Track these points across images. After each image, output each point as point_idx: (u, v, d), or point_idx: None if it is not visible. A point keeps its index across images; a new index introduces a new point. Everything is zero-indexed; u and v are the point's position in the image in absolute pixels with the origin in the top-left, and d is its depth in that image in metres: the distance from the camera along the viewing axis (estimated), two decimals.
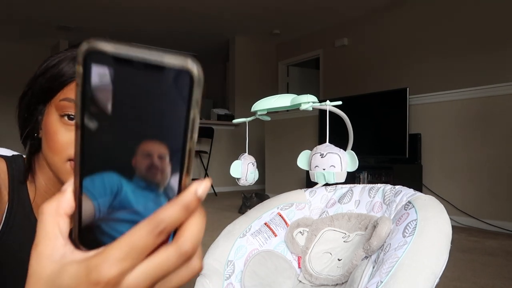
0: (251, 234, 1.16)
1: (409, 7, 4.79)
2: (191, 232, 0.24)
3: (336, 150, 1.13)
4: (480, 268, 2.14)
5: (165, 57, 0.23)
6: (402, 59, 4.85)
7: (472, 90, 3.31)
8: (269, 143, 5.14)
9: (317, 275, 1.08)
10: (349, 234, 1.09)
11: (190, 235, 0.24)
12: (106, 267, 0.22)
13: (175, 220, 0.23)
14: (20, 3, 4.93)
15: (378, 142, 3.73)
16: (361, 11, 5.29)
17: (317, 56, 6.15)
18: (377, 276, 0.77)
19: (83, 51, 0.23)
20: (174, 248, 0.24)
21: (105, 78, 0.23)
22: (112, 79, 0.23)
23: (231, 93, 6.51)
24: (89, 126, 0.24)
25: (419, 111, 3.62)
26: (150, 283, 0.23)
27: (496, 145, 3.16)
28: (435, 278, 0.73)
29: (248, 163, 1.35)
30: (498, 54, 3.94)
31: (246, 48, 6.53)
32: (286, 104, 1.21)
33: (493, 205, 3.16)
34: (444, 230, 0.82)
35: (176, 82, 0.23)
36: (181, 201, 0.23)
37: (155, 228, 0.23)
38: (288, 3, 5.06)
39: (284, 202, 1.24)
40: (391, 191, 1.08)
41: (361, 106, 3.87)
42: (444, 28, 4.41)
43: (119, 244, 0.23)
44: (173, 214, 0.23)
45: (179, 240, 0.24)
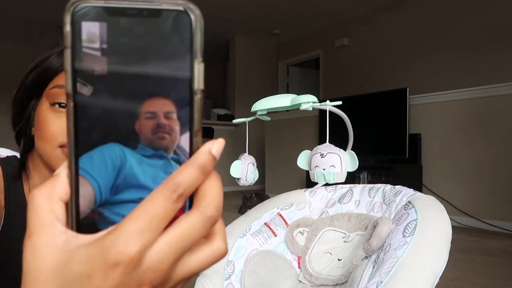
0: (251, 234, 1.16)
1: (409, 7, 4.79)
2: (212, 195, 0.22)
3: (336, 150, 1.13)
4: (480, 268, 2.14)
5: (161, 1, 0.21)
6: (402, 59, 4.85)
7: (472, 90, 3.31)
8: (269, 143, 5.14)
9: (317, 275, 1.08)
10: (349, 234, 1.09)
11: (211, 198, 0.22)
12: (124, 243, 0.19)
13: (193, 182, 0.21)
14: (20, 3, 4.94)
15: (378, 142, 3.73)
16: (361, 11, 5.29)
17: (317, 56, 6.15)
18: (377, 276, 0.77)
19: (69, 8, 0.21)
20: (197, 213, 0.21)
21: (97, 34, 0.21)
22: (106, 35, 0.21)
23: (231, 93, 6.51)
24: (82, 93, 0.21)
25: (419, 111, 3.62)
26: (176, 257, 0.21)
27: (496, 145, 3.16)
28: (435, 278, 0.73)
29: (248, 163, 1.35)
30: (498, 54, 3.94)
31: (246, 48, 6.53)
32: (286, 104, 1.21)
33: (493, 205, 3.16)
34: (444, 230, 0.82)
35: (175, 27, 0.21)
36: (197, 161, 0.21)
37: (173, 192, 0.20)
38: (288, 3, 5.06)
39: (284, 202, 1.24)
40: (391, 191, 1.08)
41: (361, 106, 3.87)
42: (444, 28, 4.41)
43: (135, 215, 0.20)
44: (190, 176, 0.21)
45: (201, 205, 0.21)
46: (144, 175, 0.22)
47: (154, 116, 0.21)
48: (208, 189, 0.22)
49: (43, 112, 0.60)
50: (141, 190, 0.22)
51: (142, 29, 0.21)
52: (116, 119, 0.21)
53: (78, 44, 0.20)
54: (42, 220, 0.21)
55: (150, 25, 0.21)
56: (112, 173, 0.22)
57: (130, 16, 0.21)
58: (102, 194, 0.22)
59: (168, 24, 0.21)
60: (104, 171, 0.22)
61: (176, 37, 0.21)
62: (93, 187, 0.22)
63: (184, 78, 0.21)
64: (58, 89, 0.59)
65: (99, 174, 0.22)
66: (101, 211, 0.22)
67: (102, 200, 0.22)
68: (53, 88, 0.60)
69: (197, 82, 0.22)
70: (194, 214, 0.21)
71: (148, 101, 0.21)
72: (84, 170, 0.21)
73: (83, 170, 0.21)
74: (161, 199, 0.20)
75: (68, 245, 0.21)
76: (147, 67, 0.21)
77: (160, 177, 0.22)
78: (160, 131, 0.22)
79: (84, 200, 0.22)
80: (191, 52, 0.21)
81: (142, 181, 0.22)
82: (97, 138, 0.21)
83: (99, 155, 0.21)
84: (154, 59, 0.21)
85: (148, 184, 0.22)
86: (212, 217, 0.21)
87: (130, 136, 0.22)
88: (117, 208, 0.22)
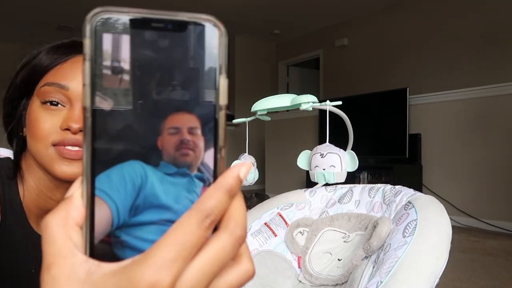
0: (251, 234, 1.16)
1: (409, 7, 4.79)
2: (238, 214, 0.21)
3: (336, 150, 1.13)
4: (480, 268, 2.13)
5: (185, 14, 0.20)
6: (402, 59, 4.85)
7: (472, 90, 3.31)
8: (269, 143, 5.14)
9: (317, 275, 1.08)
10: (349, 234, 1.09)
11: (238, 219, 0.21)
12: (156, 274, 0.18)
13: (223, 207, 0.20)
14: (20, 3, 4.94)
15: (378, 142, 3.73)
16: (361, 11, 5.29)
17: (317, 56, 6.15)
18: (377, 276, 0.77)
19: (90, 18, 0.20)
20: (226, 234, 0.21)
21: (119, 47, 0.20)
22: (128, 48, 0.20)
23: (231, 93, 6.51)
24: (101, 108, 0.20)
25: (419, 111, 3.62)
26: (207, 282, 0.20)
27: (496, 145, 3.16)
28: (435, 278, 0.73)
29: None
30: (498, 54, 3.94)
31: (246, 48, 6.53)
32: (286, 104, 1.21)
33: (493, 205, 3.16)
34: (444, 230, 0.82)
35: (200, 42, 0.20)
36: (226, 185, 0.21)
37: (206, 218, 0.20)
38: (288, 3, 5.06)
39: (284, 202, 1.24)
40: (391, 191, 1.08)
41: (361, 106, 3.87)
42: (444, 28, 4.41)
43: (165, 243, 0.19)
44: (220, 201, 0.20)
45: (229, 225, 0.21)
46: (166, 194, 0.21)
47: (178, 132, 0.21)
48: (234, 209, 0.21)
49: (34, 110, 0.59)
50: (162, 211, 0.21)
51: (166, 42, 0.20)
52: (137, 135, 0.20)
53: (98, 57, 0.20)
54: (60, 251, 0.20)
55: (175, 38, 0.20)
56: (132, 193, 0.20)
57: (155, 29, 0.20)
58: (120, 216, 0.20)
59: (193, 38, 0.20)
60: (123, 190, 0.20)
61: (201, 52, 0.21)
62: (110, 208, 0.20)
63: (208, 94, 0.21)
64: (49, 87, 0.58)
65: (117, 194, 0.20)
66: (118, 235, 0.20)
67: (120, 222, 0.20)
68: (44, 86, 0.59)
69: (222, 98, 0.21)
70: (224, 235, 0.21)
71: (171, 116, 0.20)
72: (101, 190, 0.20)
73: (99, 190, 0.20)
74: (193, 226, 0.19)
75: (91, 276, 0.19)
76: (170, 82, 0.20)
77: (183, 196, 0.21)
78: (184, 147, 0.21)
79: (100, 223, 0.20)
80: (217, 68, 0.21)
81: (163, 201, 0.21)
82: (116, 156, 0.20)
83: (117, 173, 0.20)
84: (178, 73, 0.20)
85: (170, 204, 0.21)
86: (241, 237, 0.21)
87: (152, 153, 0.20)
88: (136, 231, 0.21)
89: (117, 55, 0.20)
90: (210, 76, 0.21)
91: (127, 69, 0.20)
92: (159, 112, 0.20)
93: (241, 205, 0.22)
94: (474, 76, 4.09)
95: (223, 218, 0.21)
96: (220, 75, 0.21)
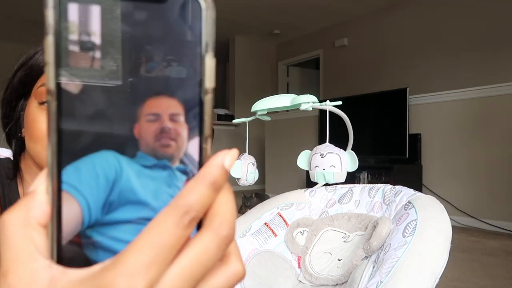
0: (251, 234, 1.16)
1: (409, 7, 4.79)
2: (224, 211, 0.19)
3: (336, 150, 1.13)
4: (480, 268, 2.13)
5: None
6: (402, 59, 4.85)
7: (472, 90, 3.31)
8: (269, 143, 5.14)
9: (317, 275, 1.08)
10: (349, 234, 1.09)
11: (224, 216, 0.18)
12: (128, 281, 0.16)
13: (206, 202, 0.18)
14: (21, 3, 4.94)
15: (378, 142, 3.73)
16: (361, 11, 5.29)
17: (317, 56, 6.15)
18: (377, 276, 0.77)
19: None
20: (210, 234, 0.18)
21: (88, 19, 0.17)
22: (99, 20, 0.17)
23: (231, 93, 6.51)
24: (68, 90, 0.17)
25: (419, 111, 3.62)
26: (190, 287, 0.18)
27: (496, 145, 3.16)
28: (435, 278, 0.73)
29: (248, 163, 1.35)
30: (498, 54, 3.94)
31: (246, 48, 6.53)
32: (286, 104, 1.21)
33: (493, 205, 3.16)
34: (444, 230, 0.82)
35: (183, 15, 0.18)
36: (208, 177, 0.18)
37: (185, 215, 0.17)
38: (288, 3, 5.06)
39: (284, 202, 1.24)
40: (391, 191, 1.08)
41: (361, 106, 3.87)
42: (444, 28, 4.41)
43: (139, 245, 0.17)
44: (202, 194, 0.18)
45: (213, 223, 0.18)
46: (144, 189, 0.18)
47: (158, 119, 0.18)
48: (219, 205, 0.19)
49: (32, 111, 0.59)
50: (140, 208, 0.18)
51: (144, 15, 0.18)
52: (110, 122, 0.18)
53: (64, 31, 0.17)
54: (18, 255, 0.17)
55: (154, 11, 0.18)
56: (105, 187, 0.18)
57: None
58: (91, 214, 0.18)
59: (175, 11, 0.18)
60: (95, 184, 0.18)
61: (184, 27, 0.18)
62: (80, 205, 0.18)
63: (193, 75, 0.18)
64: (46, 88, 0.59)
65: (88, 188, 0.18)
66: (90, 235, 0.18)
67: (92, 220, 0.18)
68: (41, 86, 0.59)
69: (209, 80, 0.19)
70: (207, 235, 0.18)
71: (150, 100, 0.18)
72: (69, 184, 0.17)
73: (67, 184, 0.17)
74: (170, 225, 0.17)
75: (54, 285, 0.17)
76: (149, 61, 0.18)
77: (163, 191, 0.19)
78: (165, 136, 0.18)
79: (69, 222, 0.18)
80: (202, 45, 0.18)
81: (141, 196, 0.18)
82: (86, 145, 0.18)
83: (88, 165, 0.18)
84: (157, 52, 0.18)
85: (148, 200, 0.18)
86: (227, 237, 0.18)
87: (127, 143, 0.18)
88: (110, 230, 0.18)
89: (86, 29, 0.17)
90: (195, 54, 0.18)
91: (98, 45, 0.17)
92: (135, 95, 0.18)
93: (228, 200, 0.19)
94: (474, 76, 4.09)
95: (206, 215, 0.19)
96: (206, 53, 0.18)
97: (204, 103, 0.19)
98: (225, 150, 0.19)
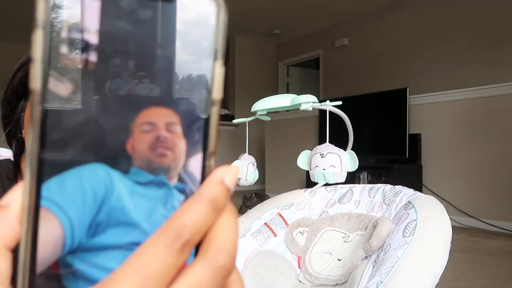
0: (251, 234, 1.16)
1: (409, 7, 4.79)
2: (223, 237, 0.16)
3: (336, 150, 1.13)
4: (480, 268, 2.13)
5: None
6: (402, 59, 4.85)
7: (472, 90, 3.32)
8: (269, 143, 5.14)
9: (317, 275, 1.08)
10: (349, 234, 1.09)
11: (223, 243, 0.16)
12: None
13: (203, 224, 0.15)
14: (21, 3, 4.94)
15: (378, 142, 3.73)
16: (361, 11, 5.29)
17: (317, 56, 6.15)
18: (377, 276, 0.77)
19: None
20: (204, 264, 0.15)
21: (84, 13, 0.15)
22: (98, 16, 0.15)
23: (231, 93, 6.51)
24: (56, 92, 0.15)
25: (419, 111, 3.62)
26: None
27: (496, 145, 3.16)
28: (435, 278, 0.73)
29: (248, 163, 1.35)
30: (498, 54, 3.94)
31: (246, 48, 6.54)
32: (286, 104, 1.21)
33: (493, 205, 3.16)
34: (444, 230, 0.82)
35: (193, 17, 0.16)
36: (206, 194, 0.16)
37: (176, 239, 0.15)
38: (288, 3, 5.06)
39: (284, 202, 1.24)
40: (391, 191, 1.08)
41: (361, 106, 3.87)
42: (444, 28, 4.41)
43: (124, 274, 0.14)
44: (198, 215, 0.15)
45: (209, 250, 0.16)
46: (137, 209, 0.16)
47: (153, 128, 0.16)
48: (218, 229, 0.16)
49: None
50: (130, 230, 0.16)
51: (148, 13, 0.16)
52: (102, 131, 0.15)
53: (56, 25, 0.15)
54: None
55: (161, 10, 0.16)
56: (92, 205, 0.15)
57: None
58: (75, 236, 0.15)
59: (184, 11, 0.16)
60: (81, 202, 0.15)
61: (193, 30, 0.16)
62: (62, 225, 0.15)
63: (199, 84, 0.16)
64: None
65: (73, 206, 0.15)
66: (71, 262, 0.15)
67: (75, 244, 0.15)
68: None
69: (216, 90, 0.17)
70: (201, 264, 0.15)
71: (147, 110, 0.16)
72: (50, 200, 0.15)
73: (48, 200, 0.15)
74: (159, 250, 0.14)
75: None
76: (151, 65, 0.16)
77: (157, 212, 0.16)
78: (160, 145, 0.16)
79: (47, 245, 0.15)
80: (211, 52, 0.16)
81: (133, 217, 0.16)
82: (72, 156, 0.15)
83: (74, 179, 0.15)
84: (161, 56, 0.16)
85: (141, 222, 0.16)
86: (224, 267, 0.15)
87: (120, 155, 0.16)
88: (96, 257, 0.16)
89: (82, 25, 0.15)
90: (203, 62, 0.16)
91: (94, 44, 0.15)
92: (133, 103, 0.16)
93: (229, 223, 0.16)
94: (474, 76, 4.09)
95: (203, 240, 0.16)
96: (215, 61, 0.16)
97: (210, 116, 0.17)
98: (225, 166, 0.17)
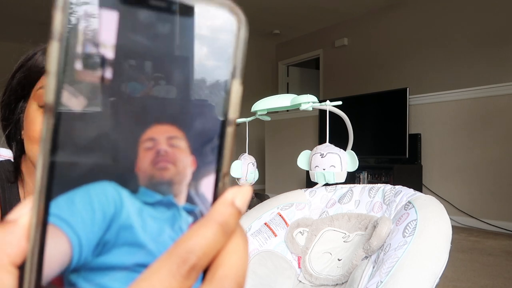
0: (251, 234, 1.16)
1: (409, 7, 4.79)
2: (231, 263, 0.15)
3: (336, 150, 1.13)
4: (480, 268, 2.13)
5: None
6: (402, 59, 4.85)
7: (472, 90, 3.32)
8: (269, 143, 5.14)
9: (317, 275, 1.08)
10: (349, 234, 1.09)
11: (230, 268, 0.15)
12: None
13: (212, 247, 0.15)
14: (21, 3, 4.94)
15: (378, 142, 3.73)
16: (361, 11, 5.29)
17: (317, 56, 6.15)
18: (377, 276, 0.77)
19: None
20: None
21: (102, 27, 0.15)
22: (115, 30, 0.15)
23: None
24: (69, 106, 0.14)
25: (419, 111, 3.62)
26: None
27: (496, 145, 3.16)
28: (435, 278, 0.73)
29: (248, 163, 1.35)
30: (498, 54, 3.94)
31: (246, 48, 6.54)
32: (286, 104, 1.21)
33: (493, 205, 3.16)
34: (444, 230, 0.82)
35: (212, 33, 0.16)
36: (216, 217, 0.15)
37: (183, 264, 0.14)
38: (288, 3, 5.06)
39: (284, 202, 1.24)
40: (391, 191, 1.08)
41: (361, 106, 3.87)
42: (444, 28, 4.41)
43: None
44: (207, 238, 0.15)
45: (215, 277, 0.15)
46: (144, 230, 0.16)
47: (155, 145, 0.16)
48: (227, 253, 0.15)
49: (31, 113, 0.58)
50: (137, 251, 0.16)
51: (166, 28, 0.15)
52: (114, 149, 0.15)
53: (72, 37, 0.14)
54: None
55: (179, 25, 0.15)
56: (101, 224, 0.15)
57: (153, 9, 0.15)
58: (82, 253, 0.15)
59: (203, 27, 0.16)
60: (89, 219, 0.15)
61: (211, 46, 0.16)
62: (71, 242, 0.15)
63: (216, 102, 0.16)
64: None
65: (81, 223, 0.15)
66: (75, 281, 0.15)
67: (81, 261, 0.15)
68: (41, 88, 0.58)
69: (233, 109, 0.16)
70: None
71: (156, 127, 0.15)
72: (59, 217, 0.15)
73: (57, 217, 0.15)
74: (164, 275, 0.14)
75: None
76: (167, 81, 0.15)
77: (165, 234, 0.16)
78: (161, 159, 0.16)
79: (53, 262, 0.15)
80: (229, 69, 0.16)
81: (140, 238, 0.16)
82: (83, 173, 0.15)
83: (84, 196, 0.15)
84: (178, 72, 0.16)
85: (148, 243, 0.16)
86: None
87: (129, 174, 0.15)
88: (100, 277, 0.15)
89: (99, 38, 0.15)
90: (221, 79, 0.16)
91: (110, 58, 0.15)
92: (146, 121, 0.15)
93: (238, 248, 0.16)
94: (474, 76, 4.09)
95: (211, 265, 0.15)
96: (233, 79, 0.16)
97: (225, 136, 0.16)
98: (236, 187, 0.16)
